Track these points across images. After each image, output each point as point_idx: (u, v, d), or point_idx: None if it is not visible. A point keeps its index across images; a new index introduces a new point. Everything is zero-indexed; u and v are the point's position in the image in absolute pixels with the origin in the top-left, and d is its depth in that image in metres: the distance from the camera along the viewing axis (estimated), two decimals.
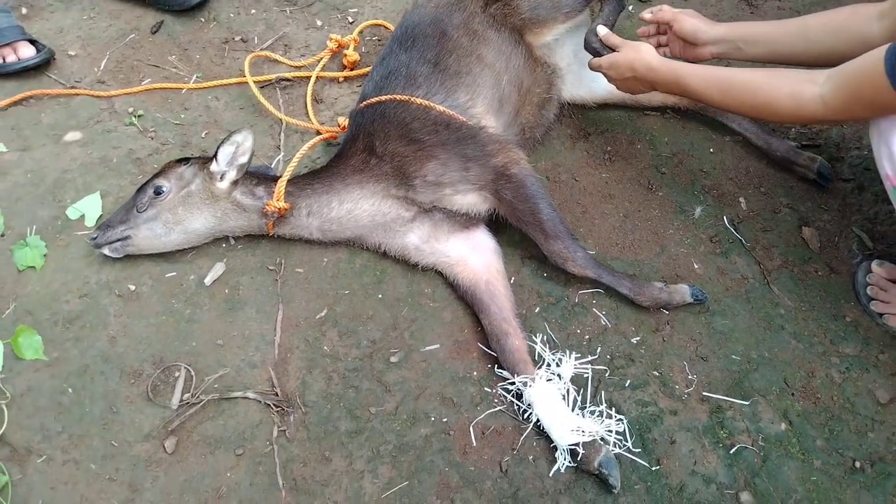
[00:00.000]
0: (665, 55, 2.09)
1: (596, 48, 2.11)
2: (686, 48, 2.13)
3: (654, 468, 1.74)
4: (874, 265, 2.04)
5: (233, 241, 2.10)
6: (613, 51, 2.06)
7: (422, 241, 2.03)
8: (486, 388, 1.87)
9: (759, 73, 1.84)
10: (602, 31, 2.11)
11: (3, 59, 2.43)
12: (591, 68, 2.12)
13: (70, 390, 1.82)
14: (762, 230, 2.17)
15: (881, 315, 1.99)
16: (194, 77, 2.50)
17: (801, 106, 1.74)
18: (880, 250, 2.10)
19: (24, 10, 2.69)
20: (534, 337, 1.92)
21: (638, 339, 1.95)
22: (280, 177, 1.97)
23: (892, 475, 1.74)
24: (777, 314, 2.01)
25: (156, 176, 1.99)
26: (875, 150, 1.71)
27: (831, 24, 1.90)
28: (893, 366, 1.92)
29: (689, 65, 1.97)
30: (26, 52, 2.45)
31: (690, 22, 2.09)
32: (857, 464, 1.76)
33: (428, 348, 1.93)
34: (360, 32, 2.56)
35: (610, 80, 2.10)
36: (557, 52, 2.35)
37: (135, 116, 2.37)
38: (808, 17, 1.97)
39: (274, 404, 1.80)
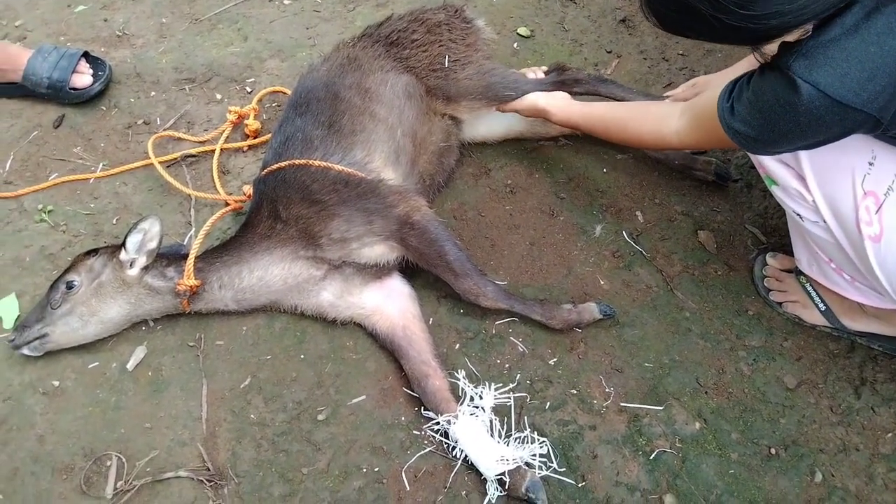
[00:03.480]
0: None
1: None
2: None
3: (580, 485, 1.82)
4: (769, 258, 2.17)
5: (151, 324, 2.13)
6: None
7: (336, 296, 2.09)
8: (414, 432, 1.93)
9: (629, 110, 2.03)
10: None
11: None
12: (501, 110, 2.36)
13: (0, 496, 1.82)
14: (660, 239, 2.29)
15: (780, 304, 2.11)
16: (101, 165, 2.53)
17: (663, 139, 1.94)
18: (773, 243, 2.23)
19: None
20: (456, 373, 1.99)
21: (555, 360, 2.04)
22: (189, 254, 2.02)
23: (805, 456, 1.85)
24: (683, 318, 2.12)
25: (66, 271, 2.02)
26: None
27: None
28: (798, 351, 2.04)
29: (578, 108, 2.17)
30: None
31: (711, 86, 2.20)
32: (772, 450, 1.87)
33: (354, 401, 1.98)
34: (259, 101, 2.64)
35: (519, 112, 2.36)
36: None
37: (45, 213, 2.39)
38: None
39: (207, 479, 1.83)
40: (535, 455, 1.84)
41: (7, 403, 1.98)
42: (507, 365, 2.04)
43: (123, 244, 1.98)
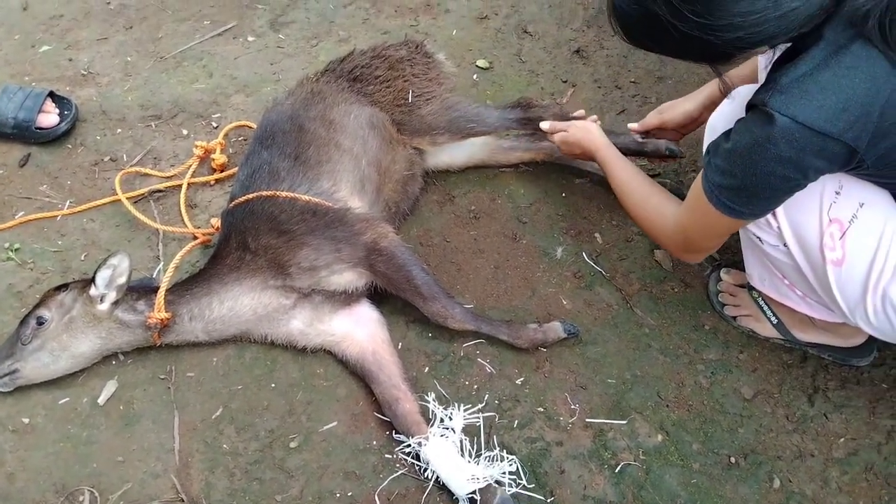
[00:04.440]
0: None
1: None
2: (688, 127, 2.32)
3: (548, 500, 1.87)
4: (722, 274, 2.25)
5: (122, 357, 2.14)
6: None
7: (305, 325, 2.13)
8: (386, 455, 1.96)
9: (648, 191, 2.03)
10: (545, 125, 2.37)
11: None
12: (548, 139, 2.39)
13: None
14: (619, 259, 2.37)
15: (735, 318, 2.19)
16: (67, 203, 2.55)
17: (664, 225, 1.96)
18: (726, 259, 2.31)
19: None
20: (426, 396, 2.03)
21: (522, 379, 2.10)
22: (159, 288, 2.05)
23: (764, 463, 1.92)
24: (643, 334, 2.19)
25: (36, 306, 2.03)
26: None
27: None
28: (753, 362, 2.12)
29: (618, 160, 2.15)
30: None
31: (677, 111, 2.28)
32: (732, 459, 1.94)
33: (326, 427, 2.01)
34: (226, 135, 2.68)
35: (556, 145, 2.38)
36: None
37: (11, 251, 2.39)
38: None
39: None
40: (504, 473, 1.88)
41: None
42: (475, 386, 2.09)
43: (93, 280, 2.00)
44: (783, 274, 1.88)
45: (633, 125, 2.41)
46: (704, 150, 1.73)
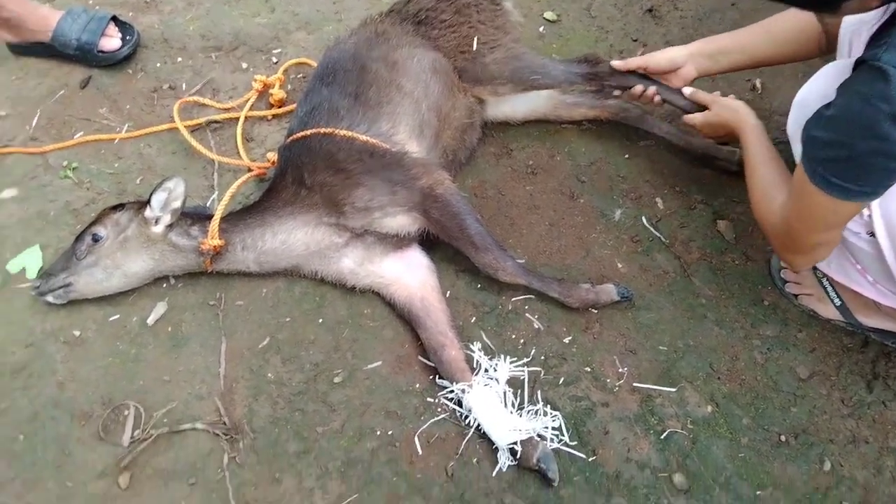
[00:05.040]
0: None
1: (683, 106, 2.25)
2: (670, 78, 2.25)
3: (590, 459, 1.83)
4: None
5: (173, 280, 2.15)
6: (703, 107, 2.19)
7: (356, 264, 2.11)
8: (428, 399, 1.95)
9: (771, 172, 1.90)
10: (688, 90, 2.23)
11: None
12: (686, 122, 2.24)
13: (21, 437, 1.86)
14: (679, 226, 2.30)
15: (796, 296, 2.12)
16: (126, 127, 2.56)
17: (770, 211, 1.84)
18: None
19: None
20: (471, 346, 2.01)
21: (570, 338, 2.06)
22: (213, 215, 2.05)
23: (815, 445, 1.86)
24: (699, 304, 2.13)
25: (93, 223, 2.04)
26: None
27: (793, 23, 2.03)
28: (811, 343, 2.05)
29: (760, 146, 1.97)
30: None
31: (661, 55, 2.23)
32: (783, 437, 1.88)
33: (370, 366, 2.00)
34: (285, 71, 2.66)
35: (697, 129, 2.23)
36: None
37: (69, 169, 2.42)
38: (769, 20, 2.11)
39: (223, 433, 1.86)
40: (547, 427, 1.85)
41: (29, 350, 2.00)
42: (521, 340, 2.05)
43: (149, 201, 2.01)
44: (857, 260, 1.79)
45: (616, 62, 2.33)
46: (794, 130, 1.62)
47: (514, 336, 2.06)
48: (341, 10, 2.97)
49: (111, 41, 2.71)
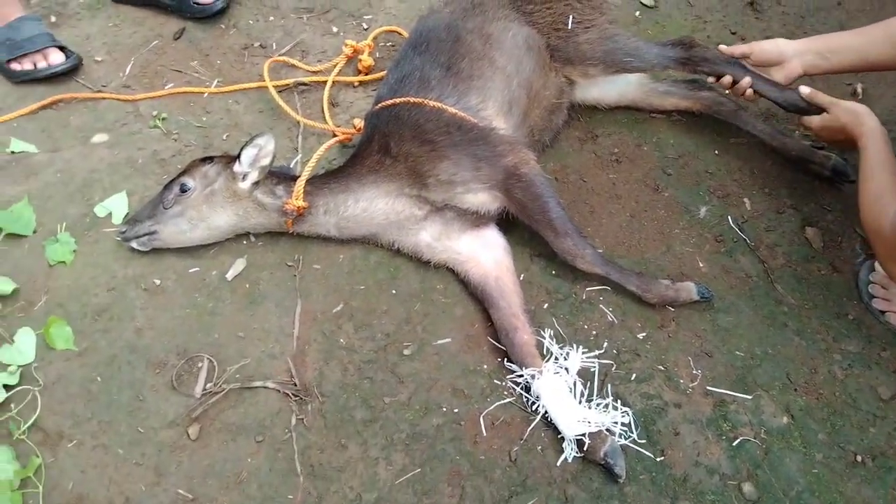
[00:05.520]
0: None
1: (801, 107, 2.16)
2: (772, 71, 2.18)
3: (658, 459, 1.80)
4: (877, 265, 2.09)
5: (253, 238, 2.17)
6: (821, 109, 2.11)
7: (434, 238, 2.10)
8: (495, 381, 1.93)
9: (889, 179, 1.83)
10: (805, 90, 2.14)
11: (34, 65, 2.52)
12: (803, 124, 2.18)
13: (99, 379, 1.91)
14: (766, 230, 2.23)
15: (883, 313, 2.04)
16: (215, 82, 2.58)
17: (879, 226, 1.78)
18: None
19: (52, 19, 2.78)
20: (542, 332, 1.98)
21: (644, 334, 2.01)
22: (299, 176, 2.05)
23: (893, 469, 1.80)
24: (780, 312, 2.06)
25: (181, 174, 2.07)
26: None
27: None
28: (895, 363, 1.96)
29: (878, 152, 1.90)
30: (56, 58, 2.54)
31: (769, 43, 2.16)
32: (859, 458, 1.82)
33: (440, 342, 2.00)
34: (375, 38, 2.64)
35: (813, 132, 2.17)
36: None
37: (159, 119, 2.45)
38: (891, 21, 2.01)
39: (292, 394, 1.88)
40: (617, 422, 1.82)
41: (111, 294, 2.05)
42: (594, 332, 2.02)
43: (238, 157, 2.02)
44: None
45: (721, 46, 2.27)
46: None
47: (586, 326, 2.03)
48: None
49: None
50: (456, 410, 1.87)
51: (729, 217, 2.25)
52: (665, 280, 2.05)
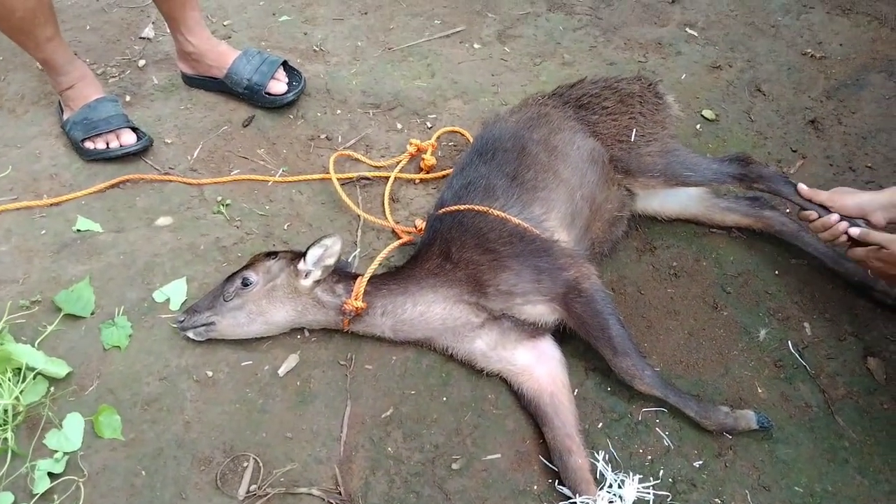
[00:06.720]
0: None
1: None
2: (854, 219, 2.14)
3: None
4: None
5: (307, 334, 2.17)
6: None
7: (489, 347, 2.07)
8: None
9: None
10: (856, 231, 2.08)
11: (107, 145, 2.59)
12: (851, 256, 2.13)
13: (143, 472, 1.88)
14: (826, 357, 2.17)
15: None
16: (280, 171, 2.64)
17: None
18: None
19: (128, 98, 2.89)
20: (596, 454, 1.93)
21: (700, 462, 1.94)
22: (359, 275, 2.06)
23: None
24: (841, 446, 1.98)
25: (245, 268, 2.09)
26: None
27: None
28: None
29: None
30: (128, 138, 2.62)
31: (851, 198, 2.12)
32: None
33: (489, 457, 1.95)
34: (438, 138, 2.69)
35: (862, 265, 2.12)
36: None
37: (223, 205, 2.50)
38: None
39: (337, 503, 1.83)
40: None
41: (162, 383, 2.05)
42: (649, 456, 1.96)
43: (304, 255, 2.03)
44: None
45: (802, 187, 2.19)
46: None
47: (641, 450, 1.97)
48: (499, 83, 3.00)
49: (279, 85, 2.81)
50: None
51: (789, 342, 2.19)
52: (724, 407, 1.99)
